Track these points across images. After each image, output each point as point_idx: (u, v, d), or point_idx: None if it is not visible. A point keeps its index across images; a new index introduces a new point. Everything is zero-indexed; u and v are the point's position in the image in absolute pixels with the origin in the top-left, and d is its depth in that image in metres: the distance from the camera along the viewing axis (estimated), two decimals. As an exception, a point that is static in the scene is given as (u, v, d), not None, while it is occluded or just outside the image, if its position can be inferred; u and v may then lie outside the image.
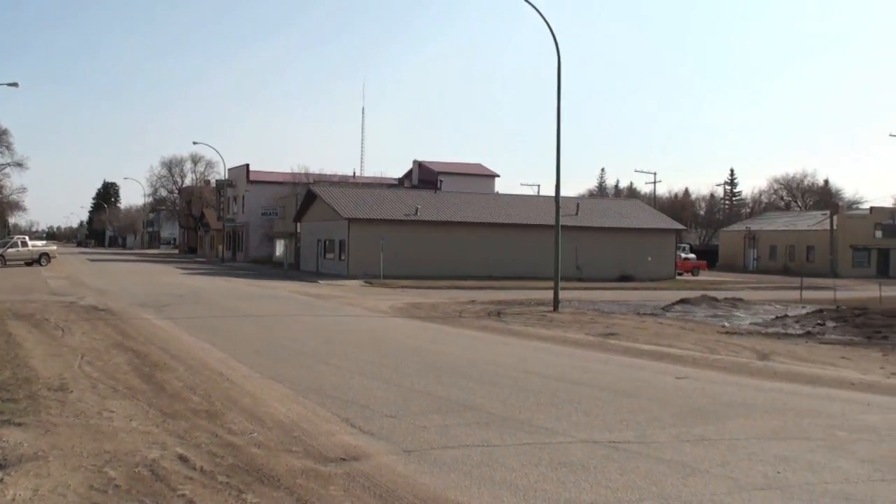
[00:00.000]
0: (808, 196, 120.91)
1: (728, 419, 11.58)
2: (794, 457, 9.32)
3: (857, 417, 12.10)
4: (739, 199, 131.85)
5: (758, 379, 16.23)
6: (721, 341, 23.52)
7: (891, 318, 29.56)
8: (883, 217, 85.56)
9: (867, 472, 8.75)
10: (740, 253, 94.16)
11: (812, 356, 21.06)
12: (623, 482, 8.15)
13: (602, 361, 18.40)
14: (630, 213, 69.58)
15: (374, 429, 10.44)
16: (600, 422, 11.14)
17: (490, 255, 59.32)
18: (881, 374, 18.13)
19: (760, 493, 7.85)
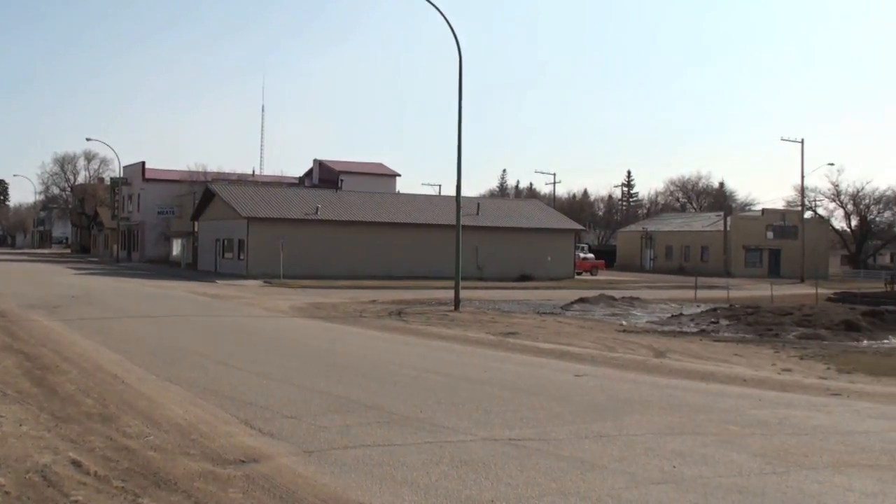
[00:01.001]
0: (703, 198, 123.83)
1: (625, 415, 11.76)
2: (689, 451, 9.52)
3: (749, 412, 12.41)
4: (637, 200, 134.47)
5: (654, 376, 16.54)
6: (619, 339, 23.91)
7: (781, 317, 30.43)
8: (774, 219, 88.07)
9: (759, 465, 8.98)
10: (637, 253, 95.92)
11: (706, 353, 21.56)
12: (523, 479, 8.20)
13: (502, 360, 18.53)
14: (530, 213, 70.29)
15: (274, 430, 10.31)
16: (501, 420, 11.21)
17: (391, 255, 59.28)
18: (772, 371, 18.65)
19: (657, 487, 7.99)
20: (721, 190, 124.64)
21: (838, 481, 8.33)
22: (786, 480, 8.34)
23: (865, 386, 16.39)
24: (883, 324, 28.25)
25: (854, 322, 28.04)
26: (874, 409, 13.04)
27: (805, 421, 11.79)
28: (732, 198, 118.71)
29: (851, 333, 26.68)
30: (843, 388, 15.69)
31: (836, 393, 14.84)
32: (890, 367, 19.93)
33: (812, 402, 13.65)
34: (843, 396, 14.44)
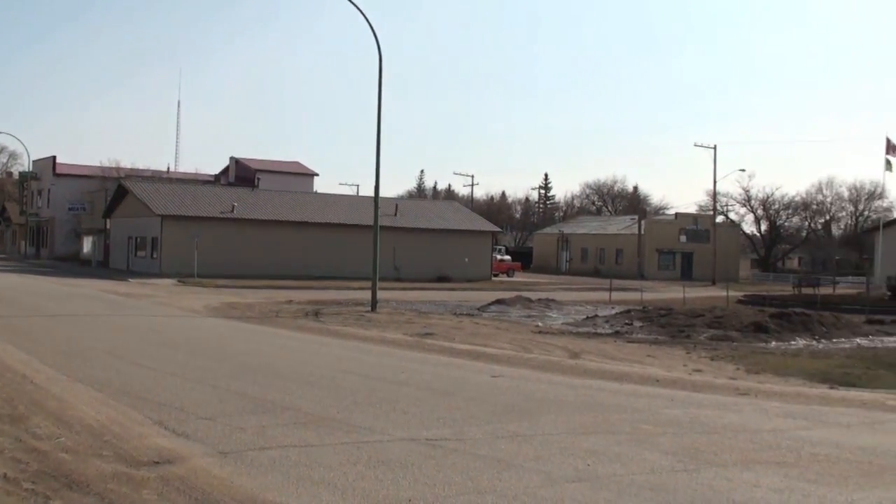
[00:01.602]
0: (619, 201, 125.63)
1: (541, 415, 11.89)
2: (602, 450, 9.66)
3: (661, 412, 12.65)
4: (553, 203, 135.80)
5: (569, 376, 16.74)
6: (535, 340, 24.15)
7: (693, 318, 31.05)
8: (687, 222, 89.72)
9: (670, 462, 9.16)
10: (554, 255, 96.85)
11: (620, 354, 21.91)
12: (440, 478, 8.24)
13: (419, 361, 18.56)
14: (448, 214, 70.53)
15: (189, 431, 10.19)
16: (418, 420, 11.24)
17: (308, 255, 58.92)
18: (684, 371, 19.02)
19: (571, 486, 8.10)
20: (636, 194, 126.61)
21: (746, 478, 8.54)
22: (696, 478, 8.52)
23: (773, 386, 16.83)
24: (790, 325, 29.00)
25: (763, 324, 28.74)
26: (781, 408, 13.38)
27: (715, 420, 12.06)
28: (647, 202, 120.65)
29: (760, 335, 27.35)
30: (751, 387, 16.08)
31: (745, 392, 15.19)
32: (796, 368, 20.50)
33: (722, 402, 13.96)
34: (752, 396, 14.79)
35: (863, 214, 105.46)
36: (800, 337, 27.47)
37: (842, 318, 31.91)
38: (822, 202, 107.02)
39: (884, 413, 13.34)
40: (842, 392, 16.41)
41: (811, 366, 20.99)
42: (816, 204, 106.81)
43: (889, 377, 20.24)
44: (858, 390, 17.08)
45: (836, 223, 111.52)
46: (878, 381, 19.50)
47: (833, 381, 18.90)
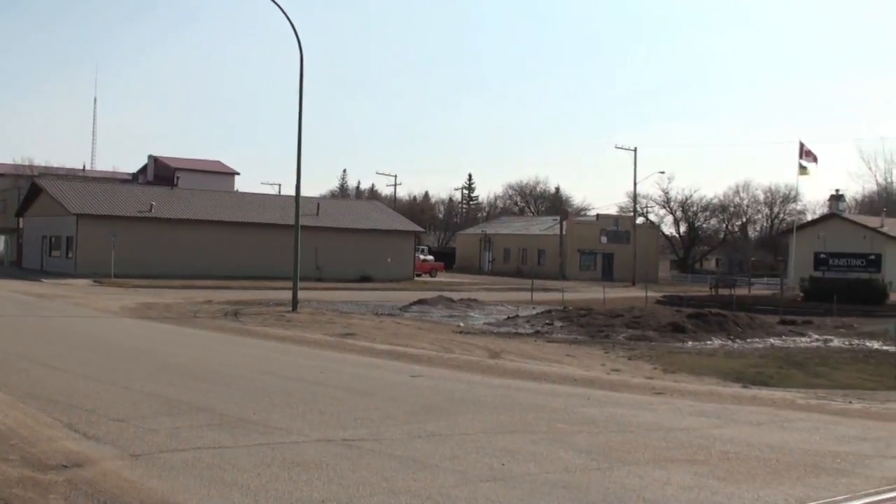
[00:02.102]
0: (541, 202, 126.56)
1: (458, 415, 11.92)
2: (518, 449, 9.71)
3: (577, 411, 12.78)
4: (476, 203, 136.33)
5: (489, 376, 16.82)
6: (456, 340, 24.22)
7: (612, 318, 31.44)
8: (608, 224, 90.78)
9: (584, 461, 9.25)
10: (476, 255, 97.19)
11: (540, 354, 22.08)
12: (355, 479, 8.20)
13: (339, 361, 18.49)
14: (371, 214, 70.36)
15: (100, 433, 9.98)
16: (335, 420, 11.18)
17: (229, 255, 58.25)
18: (602, 371, 19.26)
19: (486, 485, 8.13)
20: (558, 195, 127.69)
21: (658, 476, 8.66)
22: (609, 476, 8.61)
23: (687, 385, 17.13)
24: (706, 325, 29.52)
25: (680, 324, 29.23)
26: (694, 407, 13.62)
27: (630, 419, 12.22)
28: (569, 203, 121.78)
29: (677, 335, 27.80)
30: (667, 387, 16.34)
31: (661, 392, 15.44)
32: (711, 367, 20.90)
33: (638, 401, 14.15)
34: (667, 395, 15.03)
35: (778, 217, 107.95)
36: (715, 337, 27.97)
37: (756, 318, 32.60)
38: (738, 205, 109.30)
39: (793, 412, 13.65)
40: (754, 391, 16.77)
41: (725, 365, 21.41)
42: (733, 206, 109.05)
43: (800, 376, 20.74)
44: (770, 389, 17.47)
45: (753, 225, 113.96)
46: (789, 380, 19.96)
47: (746, 380, 19.31)
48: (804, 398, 15.39)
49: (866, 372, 22.11)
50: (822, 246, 58.35)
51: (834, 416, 13.22)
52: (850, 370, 22.18)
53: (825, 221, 71.67)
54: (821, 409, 13.91)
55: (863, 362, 23.36)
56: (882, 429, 12.12)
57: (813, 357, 23.67)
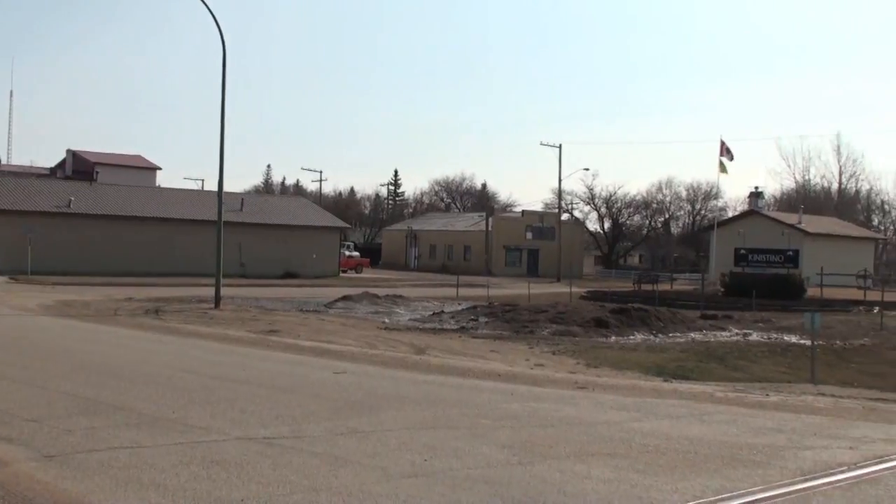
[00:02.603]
0: (467, 198, 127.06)
1: (382, 411, 11.88)
2: (441, 445, 9.70)
3: (500, 406, 12.82)
4: (403, 200, 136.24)
5: (413, 372, 16.80)
6: (381, 337, 24.16)
7: (537, 314, 31.62)
8: (533, 220, 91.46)
9: (506, 456, 9.28)
10: (402, 251, 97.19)
11: (465, 350, 22.13)
12: (275, 477, 8.11)
13: (262, 358, 18.30)
14: (296, 210, 69.85)
15: (13, 434, 9.72)
16: (256, 418, 11.05)
17: (151, 251, 57.31)
18: (526, 366, 19.36)
19: (407, 481, 8.10)
20: (484, 191, 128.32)
21: (578, 469, 8.72)
22: (530, 470, 8.65)
23: (609, 379, 17.31)
24: (629, 321, 29.88)
25: (603, 319, 29.54)
26: (616, 401, 13.75)
27: (553, 413, 12.30)
28: (495, 199, 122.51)
29: (601, 330, 28.10)
30: (590, 381, 16.48)
31: (584, 386, 15.56)
32: (633, 362, 21.15)
33: (560, 396, 14.26)
34: (590, 389, 15.16)
35: (700, 214, 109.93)
36: (638, 332, 28.32)
37: (678, 313, 33.11)
38: (661, 201, 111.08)
39: (712, 405, 13.87)
40: (674, 385, 16.99)
41: (647, 360, 21.70)
42: (657, 203, 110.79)
43: (719, 370, 21.12)
44: (690, 383, 17.73)
45: (675, 222, 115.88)
46: (709, 373, 20.31)
47: (667, 374, 19.58)
48: (723, 391, 15.64)
49: (783, 365, 22.59)
50: (742, 242, 59.55)
51: (751, 409, 13.46)
52: (768, 363, 22.65)
53: (745, 218, 73.18)
54: (739, 402, 14.15)
55: (780, 356, 23.85)
56: (797, 421, 12.37)
57: (732, 351, 24.11)
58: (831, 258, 60.68)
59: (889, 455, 9.93)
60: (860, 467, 9.26)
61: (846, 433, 11.39)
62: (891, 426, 12.11)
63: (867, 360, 24.90)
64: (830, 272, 52.12)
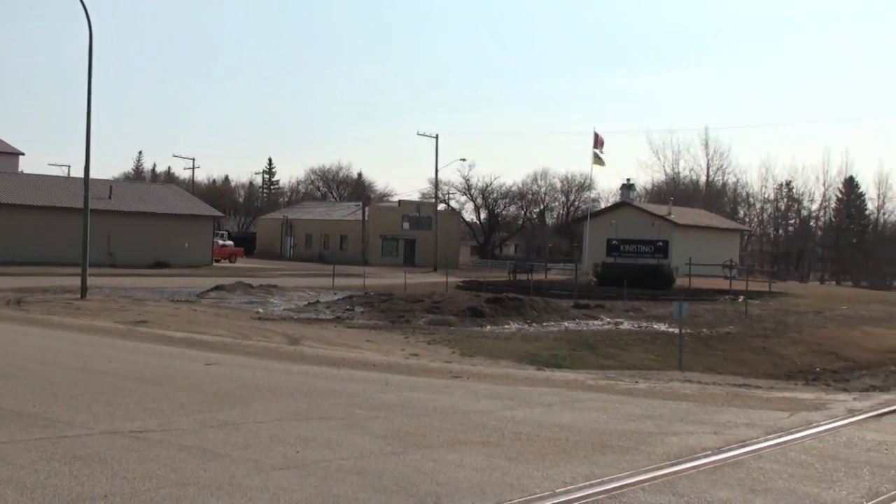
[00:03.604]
0: (344, 187, 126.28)
1: (254, 403, 11.69)
2: (314, 436, 9.60)
3: (375, 396, 12.77)
4: (278, 188, 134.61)
5: (287, 363, 16.61)
6: (254, 327, 23.82)
7: (413, 303, 31.66)
8: (410, 210, 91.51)
9: (380, 446, 9.24)
10: (278, 241, 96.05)
11: (340, 340, 22.00)
12: (141, 471, 7.88)
13: (130, 350, 17.83)
14: (167, 198, 68.24)
15: None
16: (122, 412, 10.73)
17: (12, 240, 55.07)
18: (401, 356, 19.37)
19: (279, 473, 7.97)
20: (360, 180, 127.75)
21: (451, 458, 8.74)
22: (404, 460, 8.63)
23: (484, 368, 17.46)
24: (504, 310, 30.17)
25: (478, 308, 29.75)
26: (490, 390, 13.86)
27: (427, 403, 12.31)
28: (371, 188, 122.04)
29: (476, 319, 28.28)
30: (464, 370, 16.58)
31: (458, 375, 15.65)
32: (508, 350, 21.39)
33: (435, 385, 14.29)
34: (464, 379, 15.25)
35: (574, 205, 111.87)
36: (513, 321, 28.61)
37: (552, 302, 33.60)
38: (537, 192, 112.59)
39: (584, 392, 14.12)
40: (547, 373, 17.26)
41: (522, 348, 21.97)
42: (532, 194, 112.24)
43: (592, 358, 21.55)
44: (563, 371, 18.04)
45: (550, 212, 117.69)
46: (581, 361, 20.70)
47: (541, 362, 19.87)
48: (594, 379, 15.94)
49: (653, 353, 23.21)
50: (614, 233, 60.82)
51: (621, 396, 13.74)
52: (638, 351, 23.22)
53: (617, 209, 74.64)
54: (609, 390, 14.44)
55: (650, 344, 24.47)
56: (664, 407, 12.69)
57: (604, 339, 24.60)
58: (699, 249, 62.35)
59: (751, 439, 10.27)
60: (724, 451, 9.55)
61: (711, 418, 11.73)
62: (753, 411, 12.52)
63: (732, 347, 25.79)
64: (698, 262, 53.55)
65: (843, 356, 27.40)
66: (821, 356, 26.80)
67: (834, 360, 26.67)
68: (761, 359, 25.07)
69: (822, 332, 30.95)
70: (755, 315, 33.72)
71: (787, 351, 26.63)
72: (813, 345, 28.22)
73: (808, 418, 11.99)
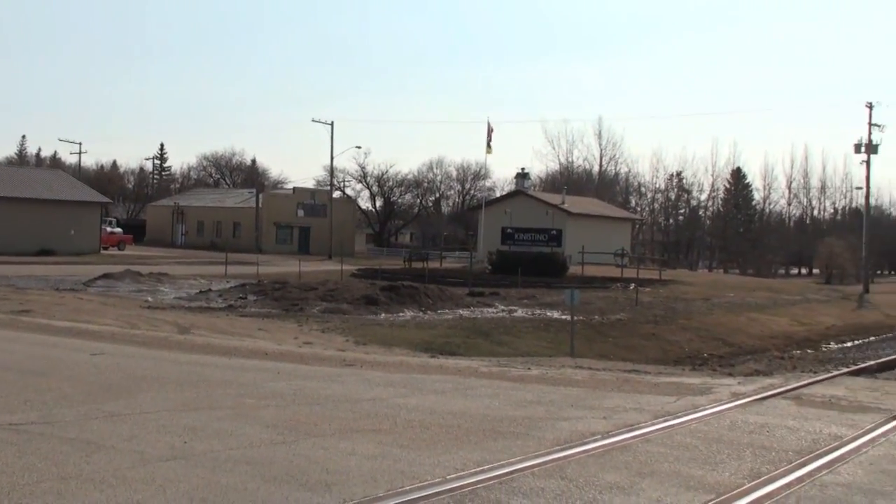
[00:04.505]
0: (237, 174, 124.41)
1: (141, 393, 11.41)
2: (202, 426, 9.42)
3: (266, 385, 12.60)
4: (169, 175, 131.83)
5: (176, 352, 16.28)
6: (143, 316, 23.31)
7: (307, 292, 31.40)
8: (304, 197, 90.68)
9: (270, 435, 9.11)
10: (169, 228, 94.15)
11: (232, 329, 21.69)
12: (21, 465, 7.61)
13: (11, 340, 17.24)
14: (52, 183, 66.21)
15: None
16: (2, 404, 10.35)
17: None
18: (294, 344, 19.19)
19: (165, 464, 7.80)
20: (254, 167, 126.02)
21: (343, 447, 8.67)
22: (294, 449, 8.53)
23: (378, 356, 17.41)
24: (399, 298, 30.17)
25: (373, 297, 29.68)
26: (383, 378, 13.82)
27: (319, 391, 12.21)
28: (266, 175, 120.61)
29: (371, 307, 28.21)
30: (358, 358, 16.50)
31: (352, 363, 15.56)
32: (402, 338, 21.40)
33: (328, 373, 14.19)
34: (358, 367, 15.17)
35: (469, 193, 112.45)
36: (408, 309, 28.62)
37: (447, 290, 33.72)
38: (432, 181, 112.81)
39: (476, 379, 14.18)
40: (441, 360, 17.30)
41: (416, 336, 22.00)
42: (428, 182, 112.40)
43: (485, 345, 21.71)
44: (456, 359, 18.12)
45: (446, 201, 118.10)
46: (475, 349, 20.84)
47: (435, 350, 19.93)
48: (487, 366, 16.03)
49: (546, 340, 23.50)
50: (508, 221, 61.27)
51: (513, 383, 13.85)
52: (531, 338, 23.48)
53: (512, 198, 75.16)
54: (501, 377, 14.54)
55: (543, 331, 24.76)
56: (556, 393, 12.83)
57: (498, 327, 24.79)
58: (592, 237, 63.27)
59: (639, 423, 10.46)
60: (612, 436, 9.70)
61: (601, 404, 11.91)
62: (641, 396, 12.75)
63: (623, 334, 26.29)
64: (591, 251, 54.41)
65: (730, 342, 28.21)
66: (708, 342, 27.55)
67: (721, 345, 27.44)
68: (651, 345, 25.64)
69: (709, 318, 31.79)
70: (646, 302, 34.41)
71: (676, 337, 27.28)
72: (701, 331, 28.97)
73: (694, 402, 12.27)
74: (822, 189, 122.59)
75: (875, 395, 14.05)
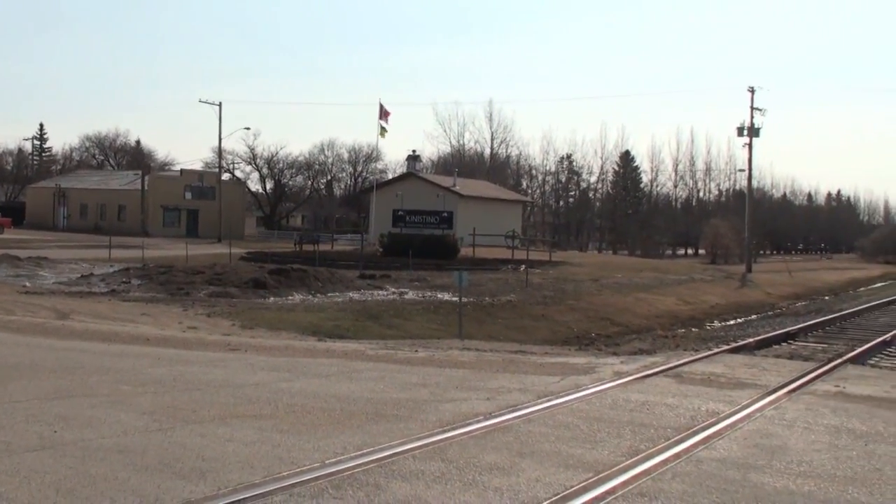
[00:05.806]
0: (122, 155, 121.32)
1: (11, 382, 10.96)
2: (74, 415, 9.09)
3: (145, 371, 12.27)
4: (50, 156, 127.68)
5: (53, 339, 15.76)
6: (19, 301, 22.54)
7: (193, 275, 30.83)
8: (192, 179, 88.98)
9: (145, 423, 8.85)
10: (50, 211, 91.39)
11: (114, 314, 21.13)
12: None
13: None
14: (-74, 165, 63.63)
15: None
16: None
17: None
18: (178, 329, 18.79)
19: (32, 455, 7.48)
20: (139, 148, 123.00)
21: (221, 433, 8.47)
22: (170, 436, 8.29)
23: (264, 340, 17.14)
24: (288, 281, 29.86)
25: (262, 280, 29.30)
26: (267, 362, 13.60)
27: (200, 377, 11.93)
28: (151, 157, 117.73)
29: (259, 291, 27.86)
30: (243, 343, 16.22)
31: (236, 348, 15.27)
32: (290, 322, 21.15)
33: (210, 358, 13.89)
34: (242, 351, 14.89)
35: (361, 175, 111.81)
36: (297, 292, 28.35)
37: (337, 273, 33.53)
38: (324, 163, 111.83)
39: (363, 362, 14.06)
40: (328, 344, 17.14)
41: (305, 320, 21.77)
42: (319, 164, 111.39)
43: (375, 328, 21.61)
44: (344, 342, 17.97)
45: (338, 183, 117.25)
46: (364, 332, 20.72)
47: (323, 333, 19.75)
48: (374, 349, 15.93)
49: (436, 322, 23.52)
50: (400, 204, 61.13)
51: (399, 365, 13.79)
52: (421, 320, 23.47)
53: (404, 181, 75.17)
54: (388, 359, 14.45)
55: (433, 313, 24.78)
56: (440, 375, 12.80)
57: (388, 309, 24.71)
58: (484, 220, 63.72)
59: (521, 404, 10.50)
60: (495, 416, 9.70)
61: (485, 385, 11.92)
62: (526, 377, 12.81)
63: (513, 315, 26.50)
64: (482, 233, 54.76)
65: (617, 322, 28.70)
66: (596, 322, 27.96)
67: (608, 325, 27.88)
68: (540, 326, 25.90)
69: (598, 298, 32.27)
70: (536, 284, 34.74)
71: (565, 318, 27.61)
72: (589, 311, 29.39)
73: (577, 382, 12.38)
74: (707, 171, 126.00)
75: (752, 371, 14.42)
